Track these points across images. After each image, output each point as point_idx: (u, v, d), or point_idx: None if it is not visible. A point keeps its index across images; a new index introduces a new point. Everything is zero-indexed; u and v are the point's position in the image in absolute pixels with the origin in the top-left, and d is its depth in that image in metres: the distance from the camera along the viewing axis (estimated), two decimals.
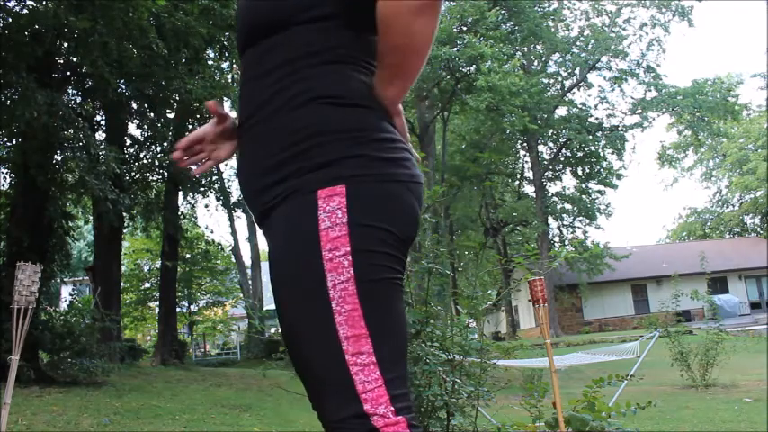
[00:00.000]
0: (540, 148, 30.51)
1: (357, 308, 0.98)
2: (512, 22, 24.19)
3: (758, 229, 40.51)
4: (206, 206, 29.34)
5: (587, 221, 29.58)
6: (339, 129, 1.03)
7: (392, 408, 0.97)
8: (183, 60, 10.09)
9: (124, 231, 15.68)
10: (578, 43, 28.55)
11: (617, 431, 3.70)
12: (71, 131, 8.18)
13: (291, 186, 1.02)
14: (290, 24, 1.05)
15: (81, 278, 21.45)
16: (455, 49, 20.99)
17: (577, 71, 29.39)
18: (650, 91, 28.75)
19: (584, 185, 29.97)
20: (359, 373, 0.97)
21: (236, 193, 18.35)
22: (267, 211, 1.07)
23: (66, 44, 8.99)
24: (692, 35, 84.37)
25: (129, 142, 12.90)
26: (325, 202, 0.99)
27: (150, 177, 13.78)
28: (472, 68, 21.43)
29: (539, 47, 27.47)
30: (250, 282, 22.98)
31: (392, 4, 0.97)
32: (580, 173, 30.06)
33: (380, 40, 1.02)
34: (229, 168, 23.70)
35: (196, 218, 18.67)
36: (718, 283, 28.48)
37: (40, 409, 6.40)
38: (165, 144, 13.01)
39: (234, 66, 14.36)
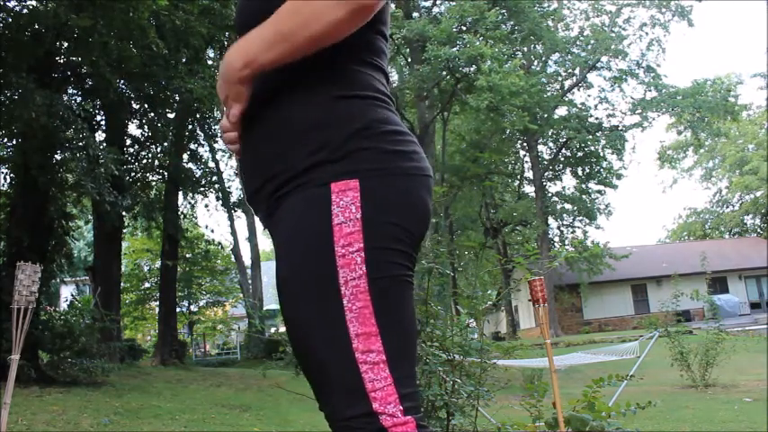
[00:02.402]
0: (540, 148, 30.52)
1: (368, 305, 0.96)
2: (512, 22, 24.18)
3: (758, 229, 40.53)
4: (206, 206, 29.31)
5: (587, 221, 29.59)
6: (349, 121, 1.01)
7: (401, 407, 0.96)
8: (184, 60, 10.10)
9: (124, 231, 15.68)
10: (578, 43, 28.55)
11: (617, 431, 3.69)
12: (71, 132, 8.18)
13: (302, 179, 1.01)
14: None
15: (82, 278, 21.46)
16: (455, 48, 20.98)
17: (577, 71, 29.40)
18: (650, 91, 28.75)
19: (584, 185, 29.97)
20: (368, 372, 0.96)
21: (236, 193, 18.35)
22: (274, 205, 1.05)
23: (66, 44, 8.99)
24: (692, 35, 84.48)
25: (129, 142, 12.91)
26: (338, 197, 0.98)
27: (150, 177, 13.79)
28: (472, 68, 21.42)
29: (538, 47, 27.47)
30: (250, 282, 22.98)
31: None
32: (580, 173, 30.07)
33: (288, 2, 0.98)
34: (229, 168, 23.69)
35: (196, 218, 18.67)
36: (718, 283, 28.48)
37: (40, 409, 6.40)
38: (166, 144, 13.02)
39: None
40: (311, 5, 0.96)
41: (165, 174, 13.93)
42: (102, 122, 12.24)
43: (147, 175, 13.57)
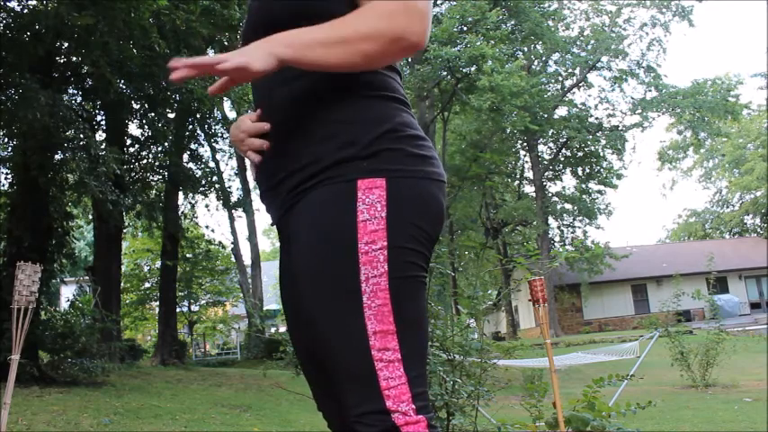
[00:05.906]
0: (540, 148, 30.52)
1: (387, 303, 0.97)
2: (512, 22, 24.19)
3: (758, 229, 40.50)
4: (206, 206, 29.37)
5: (587, 221, 29.58)
6: (378, 122, 1.03)
7: (413, 406, 0.97)
8: None
9: (124, 231, 15.68)
10: (578, 43, 28.55)
11: (617, 431, 3.69)
12: (71, 132, 8.18)
13: (328, 173, 1.01)
14: (304, 19, 1.03)
15: (83, 277, 21.44)
16: (456, 48, 20.98)
17: (577, 71, 29.39)
18: (650, 91, 28.77)
19: (584, 185, 29.97)
20: (383, 369, 0.96)
21: (236, 193, 18.35)
22: (295, 198, 1.05)
23: (66, 44, 8.99)
24: (692, 35, 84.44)
25: (129, 142, 12.91)
26: (364, 194, 0.99)
27: (150, 177, 13.78)
28: (473, 68, 21.41)
29: (539, 47, 27.47)
30: (250, 281, 22.96)
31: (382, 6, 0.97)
32: (580, 173, 30.07)
33: (357, 15, 0.99)
34: (229, 168, 23.69)
35: (196, 217, 18.64)
36: (719, 283, 28.47)
37: (40, 409, 6.40)
38: (166, 144, 13.02)
39: None
40: (359, 34, 0.97)
41: (166, 174, 13.93)
42: (103, 122, 12.24)
43: (148, 174, 13.56)
